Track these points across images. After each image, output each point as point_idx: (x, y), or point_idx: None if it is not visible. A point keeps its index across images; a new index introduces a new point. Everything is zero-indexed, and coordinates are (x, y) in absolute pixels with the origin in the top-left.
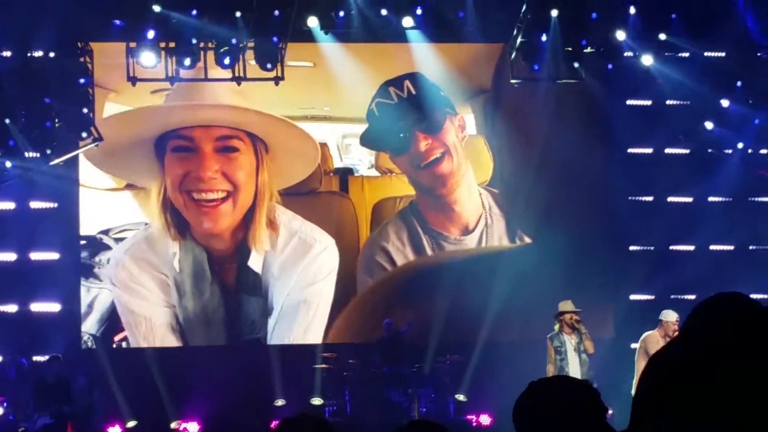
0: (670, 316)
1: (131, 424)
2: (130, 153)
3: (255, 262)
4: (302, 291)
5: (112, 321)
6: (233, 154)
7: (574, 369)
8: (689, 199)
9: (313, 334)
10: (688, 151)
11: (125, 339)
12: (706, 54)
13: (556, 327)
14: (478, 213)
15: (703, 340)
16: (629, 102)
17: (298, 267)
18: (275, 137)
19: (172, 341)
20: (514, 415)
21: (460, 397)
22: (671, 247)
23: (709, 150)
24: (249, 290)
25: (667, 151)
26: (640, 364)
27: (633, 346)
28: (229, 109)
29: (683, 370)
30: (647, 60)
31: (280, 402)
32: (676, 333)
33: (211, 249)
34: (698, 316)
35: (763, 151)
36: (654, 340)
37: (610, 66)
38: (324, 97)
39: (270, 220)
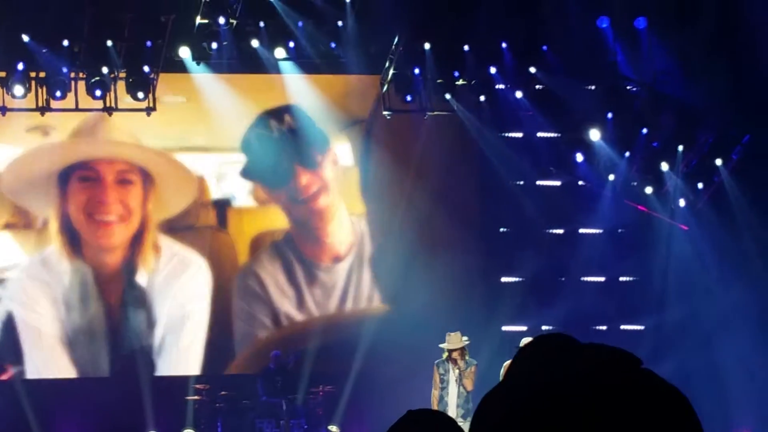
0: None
1: None
2: (39, 182)
3: (141, 278)
4: (184, 305)
5: None
6: (128, 185)
7: (452, 400)
8: (560, 231)
9: (198, 345)
10: (559, 183)
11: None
12: (576, 87)
13: (444, 355)
14: (349, 242)
15: (518, 383)
16: (502, 134)
17: (177, 283)
18: (158, 171)
19: (59, 351)
20: None
21: (333, 429)
22: (543, 279)
23: (580, 182)
24: (134, 304)
25: (539, 183)
26: None
27: None
28: (118, 144)
29: (501, 416)
30: (519, 93)
31: None
32: None
33: (101, 267)
34: (518, 361)
35: (633, 183)
36: None
37: (482, 98)
38: (200, 128)
39: (154, 244)
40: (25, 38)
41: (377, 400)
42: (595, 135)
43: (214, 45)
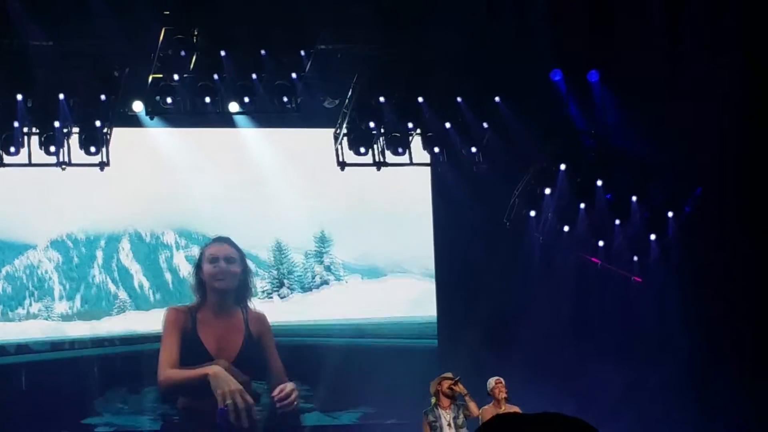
0: (490, 383)
1: None
2: None
3: None
4: None
5: None
6: None
7: None
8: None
9: None
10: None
11: None
12: (529, 140)
13: (432, 401)
14: None
15: None
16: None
17: None
18: None
19: None
20: None
21: None
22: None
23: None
24: None
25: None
26: None
27: None
28: None
29: None
30: (473, 148)
31: None
32: (503, 396)
33: None
34: None
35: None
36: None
37: (436, 150)
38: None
39: None
40: None
41: None
42: (548, 189)
43: (169, 99)
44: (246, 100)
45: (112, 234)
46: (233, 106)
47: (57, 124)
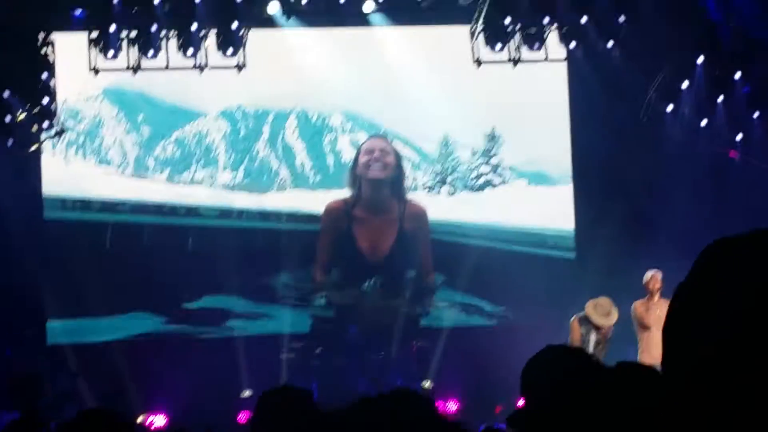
0: (647, 276)
1: None
2: None
3: None
4: None
5: None
6: None
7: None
8: None
9: None
10: None
11: None
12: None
13: (583, 314)
14: None
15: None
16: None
17: None
18: None
19: None
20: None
21: (427, 384)
22: None
23: None
24: None
25: None
26: (641, 334)
27: None
28: None
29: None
30: (610, 42)
31: (247, 393)
32: (658, 287)
33: None
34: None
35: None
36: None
37: (572, 45)
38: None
39: None
40: None
41: (471, 355)
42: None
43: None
44: None
45: (280, 111)
46: (368, 5)
47: (194, 26)
